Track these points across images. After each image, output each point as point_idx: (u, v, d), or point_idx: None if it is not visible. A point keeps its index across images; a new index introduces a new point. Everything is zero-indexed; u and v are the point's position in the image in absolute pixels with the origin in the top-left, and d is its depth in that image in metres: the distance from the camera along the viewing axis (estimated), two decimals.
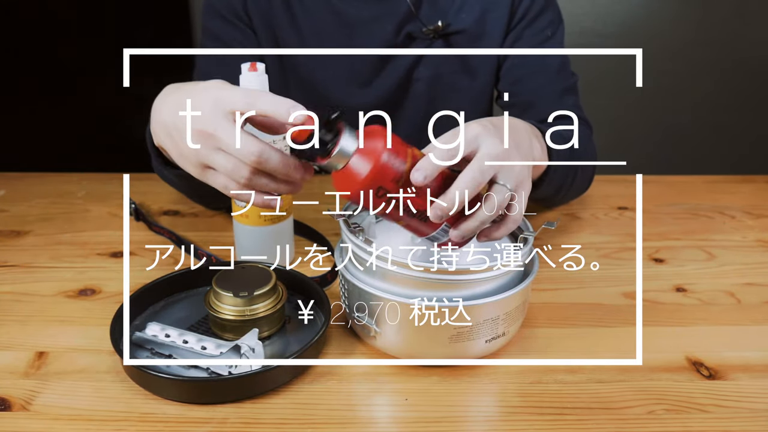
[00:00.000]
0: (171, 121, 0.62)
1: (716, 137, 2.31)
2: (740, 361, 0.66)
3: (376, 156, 0.55)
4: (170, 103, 0.63)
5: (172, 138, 0.62)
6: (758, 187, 1.10)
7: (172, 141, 0.62)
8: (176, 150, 0.62)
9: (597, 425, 0.58)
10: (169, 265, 0.83)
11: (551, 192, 0.87)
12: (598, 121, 1.16)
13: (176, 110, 0.61)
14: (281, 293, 0.68)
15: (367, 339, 0.66)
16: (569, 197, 0.98)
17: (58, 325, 0.71)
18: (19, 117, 1.97)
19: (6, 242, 0.88)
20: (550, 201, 0.96)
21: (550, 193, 0.87)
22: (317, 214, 0.93)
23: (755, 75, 2.24)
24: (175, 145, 0.62)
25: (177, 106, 0.61)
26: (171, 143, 0.63)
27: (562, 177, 0.84)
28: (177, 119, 0.61)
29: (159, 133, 0.65)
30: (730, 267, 0.85)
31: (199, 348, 0.63)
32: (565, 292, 0.78)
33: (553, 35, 1.03)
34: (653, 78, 2.22)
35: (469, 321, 0.60)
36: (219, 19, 1.01)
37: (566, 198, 0.97)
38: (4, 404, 0.59)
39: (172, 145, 0.63)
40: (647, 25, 2.16)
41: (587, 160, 0.94)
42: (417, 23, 1.00)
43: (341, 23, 1.01)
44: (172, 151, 0.63)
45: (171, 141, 0.63)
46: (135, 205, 0.93)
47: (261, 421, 0.58)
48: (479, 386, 0.63)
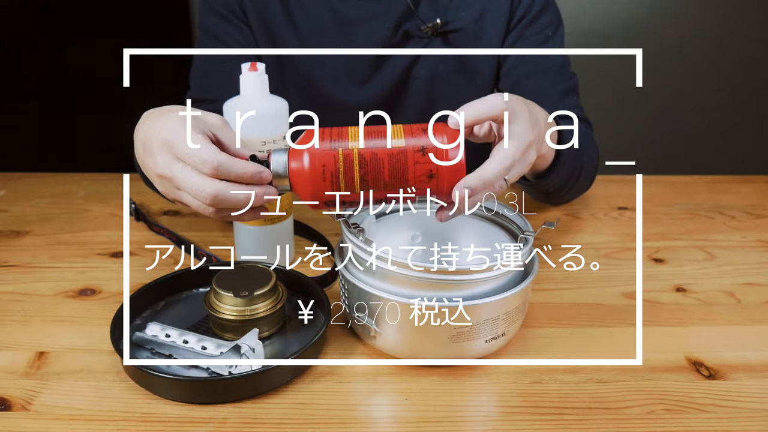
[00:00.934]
0: (137, 162, 0.66)
1: (716, 137, 2.31)
2: (740, 361, 0.66)
3: (303, 177, 0.58)
4: (137, 143, 0.66)
5: (154, 183, 0.65)
6: (758, 187, 1.10)
7: (144, 178, 0.66)
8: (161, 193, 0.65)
9: (597, 425, 0.58)
10: (169, 265, 0.83)
11: (556, 187, 0.87)
12: (598, 121, 1.16)
13: (139, 151, 0.65)
14: (281, 293, 0.68)
15: (367, 339, 0.66)
16: (572, 195, 0.98)
17: (58, 325, 0.71)
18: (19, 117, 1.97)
19: (6, 242, 0.88)
20: (554, 197, 0.96)
21: (554, 188, 0.87)
22: (317, 214, 0.94)
23: (755, 75, 2.23)
24: (158, 188, 0.65)
25: (139, 147, 0.64)
26: (157, 188, 0.65)
27: (566, 174, 0.85)
28: (140, 161, 0.65)
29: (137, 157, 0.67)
30: (730, 267, 0.85)
31: (199, 348, 0.63)
32: (565, 292, 0.78)
33: (553, 35, 1.03)
34: (653, 78, 2.22)
35: (469, 321, 0.60)
36: (216, 16, 1.01)
37: (570, 195, 0.97)
38: (4, 404, 0.59)
39: (159, 189, 0.65)
40: (647, 25, 2.16)
41: (590, 158, 0.94)
42: (415, 21, 1.00)
43: (339, 21, 1.00)
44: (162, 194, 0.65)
45: (156, 186, 0.65)
46: (135, 205, 0.93)
47: (261, 421, 0.58)
48: (479, 386, 0.63)
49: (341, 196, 0.58)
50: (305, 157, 0.58)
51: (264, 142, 0.72)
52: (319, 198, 0.59)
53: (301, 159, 0.58)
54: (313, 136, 0.58)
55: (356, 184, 0.58)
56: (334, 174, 0.57)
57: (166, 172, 0.60)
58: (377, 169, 0.57)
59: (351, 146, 0.57)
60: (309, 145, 0.58)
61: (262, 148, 0.73)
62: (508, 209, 0.72)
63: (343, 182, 0.58)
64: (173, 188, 0.61)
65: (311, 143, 0.58)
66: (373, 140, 0.58)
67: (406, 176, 0.58)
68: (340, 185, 0.58)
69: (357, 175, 0.58)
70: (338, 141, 0.58)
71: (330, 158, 0.57)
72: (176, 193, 0.62)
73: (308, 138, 0.59)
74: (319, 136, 0.58)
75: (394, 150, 0.57)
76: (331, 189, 0.58)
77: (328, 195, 0.58)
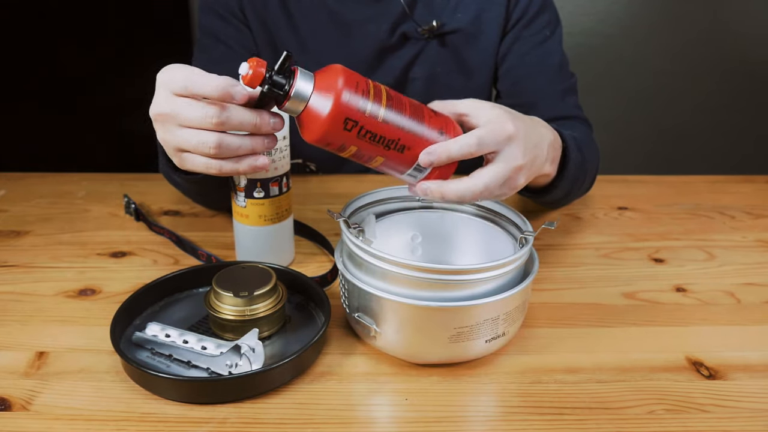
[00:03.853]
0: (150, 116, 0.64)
1: (716, 137, 2.31)
2: (740, 361, 0.66)
3: (336, 91, 0.56)
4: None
5: (156, 131, 0.64)
6: (758, 187, 1.10)
7: (157, 134, 0.64)
8: (161, 142, 0.64)
9: (597, 425, 0.58)
10: (169, 265, 0.83)
11: (557, 198, 0.87)
12: (598, 121, 1.16)
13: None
14: (281, 293, 0.68)
15: (367, 339, 0.66)
16: (573, 199, 0.98)
17: (58, 325, 0.71)
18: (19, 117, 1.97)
19: (6, 242, 0.88)
20: (557, 204, 0.97)
21: (556, 199, 0.87)
22: (317, 214, 0.94)
23: (755, 75, 2.24)
24: (158, 137, 0.64)
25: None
26: (158, 136, 0.64)
27: (570, 183, 0.84)
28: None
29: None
30: (730, 267, 0.85)
31: (199, 348, 0.63)
32: (565, 292, 0.78)
33: (551, 35, 1.03)
34: (653, 78, 2.22)
35: (469, 321, 0.60)
36: (215, 16, 1.01)
37: (571, 200, 0.97)
38: (4, 404, 0.59)
39: (159, 138, 0.64)
40: (647, 25, 2.16)
41: (591, 163, 0.94)
42: (412, 23, 1.00)
43: (337, 23, 1.01)
44: (162, 143, 0.64)
45: (157, 134, 0.64)
46: (135, 205, 0.93)
47: (261, 421, 0.58)
48: (479, 386, 0.63)
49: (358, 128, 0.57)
50: (344, 90, 0.56)
51: None
52: (325, 132, 0.57)
53: (336, 89, 0.56)
54: (338, 71, 0.57)
55: (383, 100, 0.58)
56: (365, 90, 0.58)
57: (165, 109, 0.59)
58: (400, 104, 0.60)
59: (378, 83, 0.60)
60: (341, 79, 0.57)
61: None
62: (508, 209, 0.72)
63: (373, 95, 0.58)
64: (175, 129, 0.60)
65: (341, 77, 0.57)
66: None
67: (423, 120, 0.60)
68: (370, 95, 0.58)
69: (384, 95, 0.59)
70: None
71: (361, 81, 0.58)
72: (176, 136, 0.60)
73: (333, 72, 0.58)
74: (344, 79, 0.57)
75: (414, 101, 0.62)
76: (360, 96, 0.57)
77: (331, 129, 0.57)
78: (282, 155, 0.75)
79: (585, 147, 0.88)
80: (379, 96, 0.58)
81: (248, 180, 0.74)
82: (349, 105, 0.56)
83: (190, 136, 0.59)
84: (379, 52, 1.02)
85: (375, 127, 0.58)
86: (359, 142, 0.58)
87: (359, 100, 0.57)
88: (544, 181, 0.80)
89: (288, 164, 0.76)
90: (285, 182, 0.77)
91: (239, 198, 0.76)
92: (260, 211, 0.77)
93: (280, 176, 0.76)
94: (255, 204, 0.76)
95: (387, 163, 0.61)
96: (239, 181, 0.75)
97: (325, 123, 0.56)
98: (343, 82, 0.56)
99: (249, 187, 0.75)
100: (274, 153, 0.74)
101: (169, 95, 0.59)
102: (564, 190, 0.83)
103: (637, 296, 0.78)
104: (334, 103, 0.56)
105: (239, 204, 0.77)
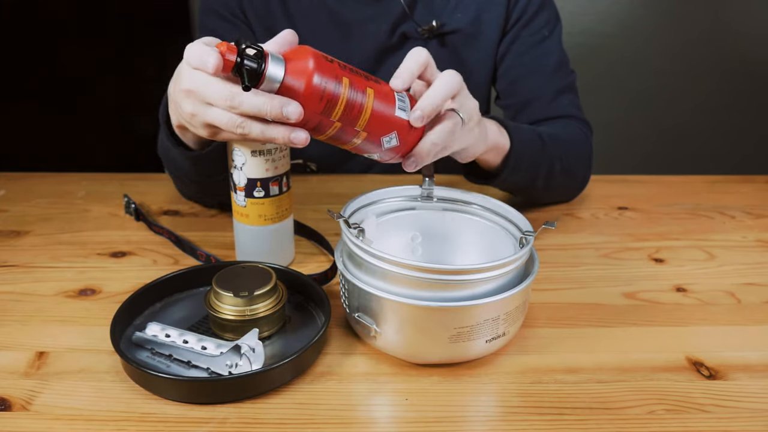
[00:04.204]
0: (169, 91, 0.68)
1: (716, 137, 2.31)
2: (740, 361, 0.66)
3: (307, 75, 0.59)
4: (169, 102, 0.69)
5: (172, 108, 0.68)
6: (758, 187, 1.10)
7: (173, 111, 0.68)
8: (178, 117, 0.68)
9: (597, 425, 0.58)
10: (169, 265, 0.83)
11: (523, 180, 0.88)
12: (598, 121, 1.16)
13: (169, 104, 0.69)
14: (281, 293, 0.68)
15: (367, 339, 0.66)
16: (552, 193, 0.96)
17: (58, 325, 0.71)
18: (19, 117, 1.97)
19: (6, 242, 0.88)
20: (528, 193, 0.95)
21: (521, 180, 0.88)
22: (317, 214, 0.94)
23: (755, 75, 2.24)
24: (176, 113, 0.67)
25: (169, 101, 0.68)
26: (173, 114, 0.68)
27: (531, 164, 0.87)
28: (172, 88, 0.67)
29: (171, 109, 0.70)
30: (730, 267, 0.85)
31: (199, 348, 0.63)
32: (565, 292, 0.78)
33: (550, 34, 1.03)
34: (653, 78, 2.22)
35: (470, 321, 0.60)
36: (216, 16, 1.01)
37: (548, 192, 0.96)
38: (4, 404, 0.59)
39: (176, 115, 0.68)
40: (647, 25, 2.16)
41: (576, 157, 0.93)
42: (411, 23, 1.00)
43: (337, 23, 1.01)
44: (180, 120, 0.67)
45: (173, 111, 0.68)
46: (135, 205, 0.93)
47: (261, 421, 0.58)
48: (479, 386, 0.63)
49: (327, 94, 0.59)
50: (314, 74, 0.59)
51: None
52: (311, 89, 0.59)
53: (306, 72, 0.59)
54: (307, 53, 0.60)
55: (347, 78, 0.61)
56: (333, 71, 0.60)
57: (191, 86, 0.62)
58: (360, 80, 0.62)
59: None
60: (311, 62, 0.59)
61: (262, 147, 0.73)
62: (508, 209, 0.72)
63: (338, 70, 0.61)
64: (201, 105, 0.62)
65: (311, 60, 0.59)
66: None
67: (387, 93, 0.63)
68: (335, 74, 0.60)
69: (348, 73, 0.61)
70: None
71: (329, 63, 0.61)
72: (204, 112, 0.62)
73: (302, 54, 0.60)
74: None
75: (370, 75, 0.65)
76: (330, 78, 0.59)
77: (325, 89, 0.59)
78: (282, 155, 0.75)
79: (552, 138, 0.90)
80: (341, 76, 0.61)
81: (248, 179, 0.74)
82: (320, 86, 0.59)
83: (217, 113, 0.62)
84: (379, 52, 1.02)
85: (349, 104, 0.61)
86: (333, 122, 0.61)
87: (329, 81, 0.59)
88: (495, 159, 0.84)
89: (288, 164, 0.76)
90: (285, 182, 0.77)
91: (239, 197, 0.76)
92: (260, 211, 0.76)
93: (280, 176, 0.76)
94: (255, 203, 0.76)
95: (358, 149, 0.65)
96: (239, 181, 0.75)
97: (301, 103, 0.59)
98: (314, 65, 0.59)
99: (249, 186, 0.75)
100: (274, 153, 0.74)
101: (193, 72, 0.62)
102: (520, 172, 0.86)
103: (637, 296, 0.78)
104: (306, 86, 0.59)
105: (239, 203, 0.77)
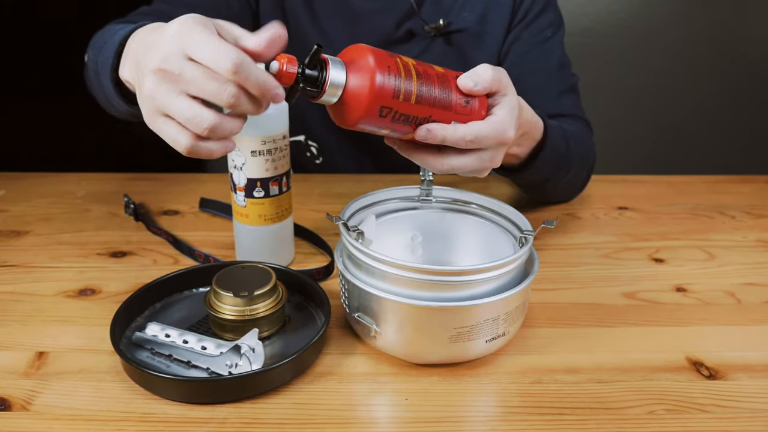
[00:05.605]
0: (135, 53, 0.58)
1: (716, 137, 2.31)
2: (740, 361, 0.66)
3: (371, 77, 0.56)
4: (127, 59, 0.61)
5: (136, 74, 0.57)
6: (758, 187, 1.10)
7: (136, 77, 0.57)
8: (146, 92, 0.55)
9: (597, 425, 0.58)
10: (169, 265, 0.83)
11: (539, 179, 0.88)
12: (598, 121, 1.16)
13: (132, 68, 0.59)
14: (281, 293, 0.68)
15: (367, 339, 0.66)
16: (559, 192, 0.97)
17: (58, 325, 0.71)
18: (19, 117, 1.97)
19: (6, 242, 0.88)
20: (537, 190, 0.96)
21: (537, 180, 0.88)
22: (317, 214, 0.94)
23: (755, 75, 2.23)
24: (145, 86, 0.55)
25: (131, 59, 0.59)
26: (135, 80, 0.58)
27: (551, 169, 0.86)
28: (143, 57, 0.55)
29: (126, 65, 0.61)
30: (730, 267, 0.85)
31: (199, 348, 0.63)
32: (565, 292, 0.78)
33: (553, 35, 1.03)
34: (653, 78, 2.22)
35: (470, 321, 0.60)
36: None
37: (556, 192, 0.96)
38: (4, 404, 0.59)
39: (136, 82, 0.57)
40: (647, 24, 2.16)
41: (581, 157, 0.93)
42: (418, 20, 1.00)
43: (345, 10, 1.02)
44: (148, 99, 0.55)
45: (136, 77, 0.57)
46: (134, 205, 0.93)
47: (261, 421, 0.58)
48: (479, 386, 0.63)
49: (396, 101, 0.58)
50: (377, 75, 0.56)
51: (264, 141, 0.73)
52: (361, 119, 0.57)
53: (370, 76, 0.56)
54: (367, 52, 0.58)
55: (414, 79, 0.59)
56: (397, 73, 0.58)
57: (171, 66, 0.51)
58: (429, 79, 0.60)
59: (405, 60, 0.60)
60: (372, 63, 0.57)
61: (262, 147, 0.73)
62: (508, 208, 0.72)
63: (404, 72, 0.58)
64: (174, 87, 0.52)
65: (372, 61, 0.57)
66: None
67: (451, 91, 0.61)
68: (401, 74, 0.58)
69: (414, 73, 0.59)
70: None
71: (392, 63, 0.58)
72: (172, 100, 0.52)
73: (362, 53, 0.58)
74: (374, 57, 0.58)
75: (440, 72, 0.62)
76: (393, 81, 0.57)
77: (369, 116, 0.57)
78: (282, 155, 0.75)
79: (573, 137, 0.89)
80: (410, 76, 0.59)
81: (248, 179, 0.74)
82: (383, 93, 0.57)
83: (188, 107, 0.53)
84: (383, 45, 1.02)
85: (408, 109, 0.59)
86: (393, 125, 0.60)
87: (392, 86, 0.57)
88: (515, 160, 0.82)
89: (288, 164, 0.76)
90: (285, 182, 0.77)
91: (239, 197, 0.76)
92: (260, 211, 0.76)
93: (280, 176, 0.76)
94: (255, 203, 0.76)
95: (390, 139, 0.64)
96: (239, 181, 0.75)
97: (361, 112, 0.57)
98: (376, 69, 0.56)
99: (249, 186, 0.75)
100: (274, 153, 0.74)
101: (180, 55, 0.52)
102: (542, 172, 0.85)
103: (638, 296, 0.78)
104: (369, 93, 0.56)
105: (239, 203, 0.77)
